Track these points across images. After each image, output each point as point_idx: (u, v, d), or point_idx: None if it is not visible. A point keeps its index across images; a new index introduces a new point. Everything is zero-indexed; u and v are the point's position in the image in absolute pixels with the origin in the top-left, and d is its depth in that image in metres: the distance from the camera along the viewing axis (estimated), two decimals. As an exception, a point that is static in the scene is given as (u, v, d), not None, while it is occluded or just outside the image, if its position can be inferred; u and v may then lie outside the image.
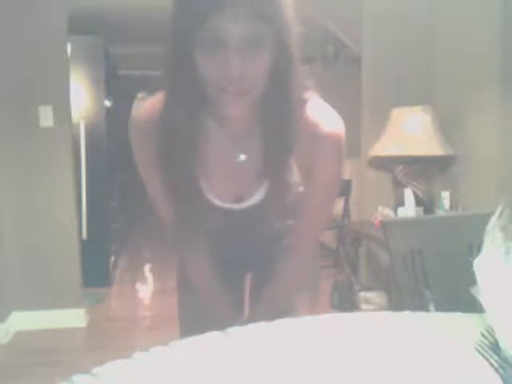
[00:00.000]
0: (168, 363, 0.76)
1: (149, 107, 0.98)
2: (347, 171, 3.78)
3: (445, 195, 2.82)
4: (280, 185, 0.97)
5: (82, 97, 3.70)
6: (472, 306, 0.83)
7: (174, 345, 0.81)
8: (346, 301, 3.17)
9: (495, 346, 0.78)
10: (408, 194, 2.88)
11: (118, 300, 3.75)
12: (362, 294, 3.11)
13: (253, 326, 0.89)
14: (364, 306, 3.06)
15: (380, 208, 3.00)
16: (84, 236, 3.60)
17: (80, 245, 3.12)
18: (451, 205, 2.80)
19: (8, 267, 2.92)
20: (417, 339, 0.87)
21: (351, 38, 3.79)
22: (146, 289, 4.17)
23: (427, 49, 3.10)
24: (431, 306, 1.24)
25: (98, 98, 3.78)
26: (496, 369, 0.73)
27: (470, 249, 1.16)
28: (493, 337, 0.80)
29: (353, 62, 3.71)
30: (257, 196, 1.00)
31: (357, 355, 0.80)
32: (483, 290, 0.79)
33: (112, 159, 4.08)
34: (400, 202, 2.93)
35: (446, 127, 2.90)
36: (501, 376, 0.71)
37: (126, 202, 5.35)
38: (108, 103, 4.02)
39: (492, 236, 0.83)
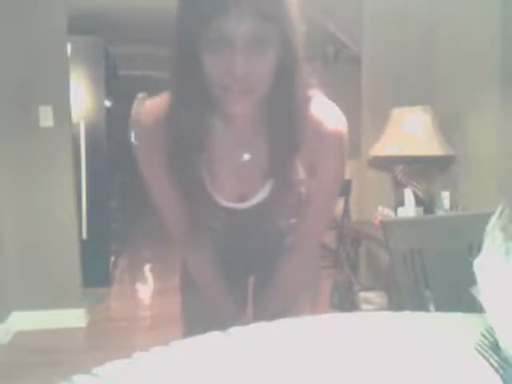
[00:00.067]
0: (168, 363, 0.76)
1: (152, 108, 0.98)
2: (347, 171, 3.76)
3: (445, 195, 2.82)
4: (285, 184, 0.97)
5: (82, 97, 3.70)
6: (472, 306, 0.83)
7: (175, 345, 0.81)
8: (346, 301, 3.17)
9: (495, 346, 0.78)
10: (408, 194, 2.88)
11: (118, 300, 3.75)
12: (362, 294, 3.11)
13: (253, 326, 0.89)
14: (364, 306, 3.06)
15: (380, 208, 3.00)
16: (84, 236, 3.60)
17: (80, 245, 3.12)
18: (451, 205, 2.80)
19: (8, 267, 2.92)
20: (417, 339, 0.87)
21: (351, 38, 3.80)
22: (146, 289, 4.17)
23: (427, 49, 3.10)
24: (431, 306, 1.24)
25: (98, 98, 3.78)
26: (496, 369, 0.73)
27: (470, 249, 1.16)
28: (493, 337, 0.80)
29: (353, 62, 3.71)
30: (261, 195, 1.00)
31: (357, 355, 0.80)
32: (483, 290, 0.79)
33: (112, 159, 4.08)
34: (400, 202, 2.93)
35: (446, 127, 2.90)
36: (501, 376, 0.71)
37: (126, 202, 5.35)
38: (108, 103, 4.02)
39: (492, 236, 0.83)
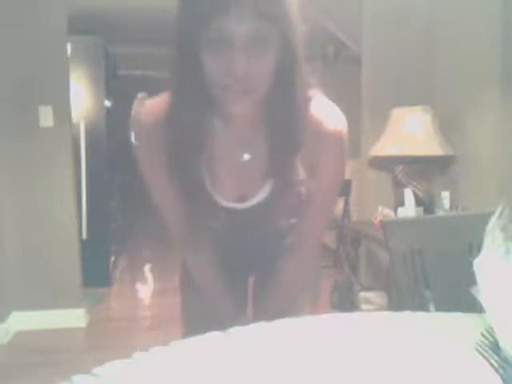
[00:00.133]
0: (168, 363, 0.76)
1: (152, 108, 0.98)
2: (347, 171, 3.76)
3: (445, 195, 2.82)
4: (285, 184, 0.97)
5: (82, 97, 3.70)
6: (472, 306, 0.83)
7: (175, 345, 0.81)
8: (346, 301, 3.17)
9: (495, 346, 0.78)
10: (408, 194, 2.88)
11: (118, 300, 3.75)
12: (362, 294, 3.11)
13: (253, 326, 0.89)
14: (364, 306, 3.06)
15: (380, 208, 3.00)
16: (84, 236, 3.60)
17: (80, 245, 3.12)
18: (451, 205, 2.80)
19: (8, 267, 2.92)
20: (417, 339, 0.87)
21: (351, 38, 3.80)
22: (146, 289, 4.17)
23: (427, 49, 3.10)
24: (431, 306, 1.24)
25: (98, 98, 3.78)
26: (496, 369, 0.73)
27: (470, 249, 1.16)
28: (493, 337, 0.80)
29: (353, 62, 3.71)
30: (261, 195, 1.00)
31: (357, 355, 0.80)
32: (483, 290, 0.79)
33: (112, 159, 4.08)
34: (400, 202, 2.93)
35: (446, 127, 2.90)
36: (501, 376, 0.71)
37: (126, 202, 5.35)
38: (108, 103, 4.02)
39: (492, 236, 0.83)
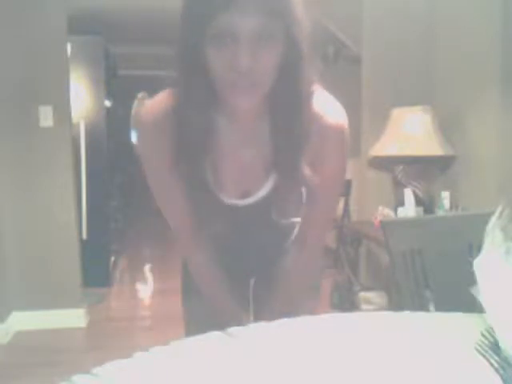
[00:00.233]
0: (168, 363, 0.76)
1: (152, 108, 0.98)
2: (347, 171, 3.77)
3: (445, 195, 2.82)
4: (288, 178, 0.97)
5: (82, 97, 3.70)
6: (472, 306, 0.83)
7: (175, 345, 0.81)
8: (346, 301, 3.17)
9: (495, 346, 0.78)
10: (408, 194, 2.88)
11: (118, 300, 3.75)
12: (362, 294, 3.11)
13: (253, 326, 0.89)
14: (364, 306, 3.06)
15: (380, 208, 3.00)
16: (84, 236, 3.60)
17: (80, 245, 3.12)
18: (451, 205, 2.80)
19: (8, 267, 2.93)
20: (417, 339, 0.87)
21: (351, 38, 3.79)
22: (146, 289, 4.17)
23: (427, 49, 3.10)
24: (431, 306, 1.24)
25: (98, 98, 3.78)
26: (496, 369, 0.73)
27: (470, 249, 1.16)
28: (493, 337, 0.80)
29: (353, 62, 3.71)
30: (264, 190, 1.00)
31: (357, 355, 0.80)
32: (483, 290, 0.79)
33: (112, 159, 4.08)
34: (400, 202, 2.93)
35: (446, 127, 2.90)
36: (501, 376, 0.71)
37: (126, 202, 5.35)
38: (108, 103, 4.02)
39: (492, 236, 0.83)
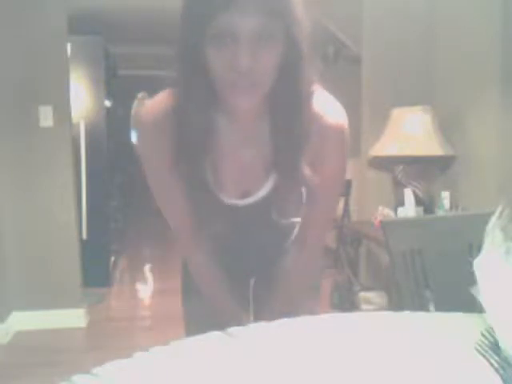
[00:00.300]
0: (168, 363, 0.76)
1: (152, 108, 0.97)
2: (347, 171, 3.77)
3: (445, 195, 2.82)
4: (288, 180, 0.97)
5: (82, 97, 3.70)
6: (472, 306, 0.83)
7: (175, 345, 0.81)
8: (346, 301, 3.17)
9: (495, 346, 0.78)
10: (408, 194, 2.88)
11: (118, 300, 3.75)
12: (362, 294, 3.11)
13: (253, 326, 0.89)
14: (364, 306, 3.06)
15: (380, 208, 3.00)
16: (84, 236, 3.60)
17: (80, 245, 3.13)
18: (451, 205, 2.80)
19: (8, 267, 2.93)
20: (417, 339, 0.87)
21: (351, 38, 3.79)
22: (146, 289, 4.17)
23: (427, 49, 3.10)
24: (431, 306, 1.24)
25: (98, 98, 3.78)
26: (496, 369, 0.73)
27: (470, 249, 1.16)
28: (493, 337, 0.80)
29: (353, 62, 3.71)
30: (264, 189, 1.00)
31: (357, 355, 0.80)
32: (483, 290, 0.79)
33: (112, 159, 4.08)
34: (400, 202, 2.93)
35: (446, 127, 2.90)
36: (501, 376, 0.71)
37: (126, 202, 5.35)
38: (108, 103, 4.02)
39: (492, 236, 0.83)
